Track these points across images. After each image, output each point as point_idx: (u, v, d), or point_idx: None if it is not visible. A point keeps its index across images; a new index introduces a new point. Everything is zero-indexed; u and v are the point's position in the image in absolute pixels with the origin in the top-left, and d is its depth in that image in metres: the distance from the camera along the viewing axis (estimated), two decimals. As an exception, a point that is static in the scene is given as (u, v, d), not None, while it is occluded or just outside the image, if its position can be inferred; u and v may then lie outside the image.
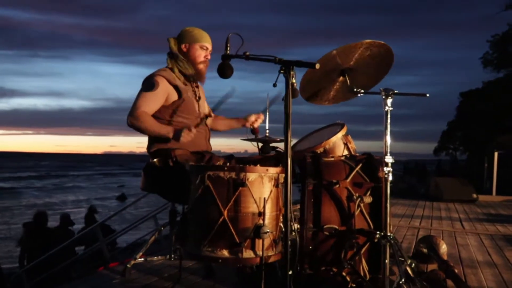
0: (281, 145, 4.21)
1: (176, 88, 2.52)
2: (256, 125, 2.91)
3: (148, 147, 2.56)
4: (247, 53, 2.00)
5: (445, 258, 2.99)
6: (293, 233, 2.36)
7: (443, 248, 3.02)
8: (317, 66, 1.68)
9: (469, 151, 27.16)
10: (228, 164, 2.18)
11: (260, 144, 3.37)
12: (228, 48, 2.14)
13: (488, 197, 9.40)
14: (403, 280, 1.93)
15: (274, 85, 1.80)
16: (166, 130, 2.38)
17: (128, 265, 2.67)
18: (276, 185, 2.02)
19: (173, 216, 2.72)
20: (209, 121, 2.96)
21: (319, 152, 2.74)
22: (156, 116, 2.48)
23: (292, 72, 3.01)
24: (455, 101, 28.41)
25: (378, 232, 2.07)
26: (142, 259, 2.90)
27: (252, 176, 1.94)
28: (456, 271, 2.58)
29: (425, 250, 3.00)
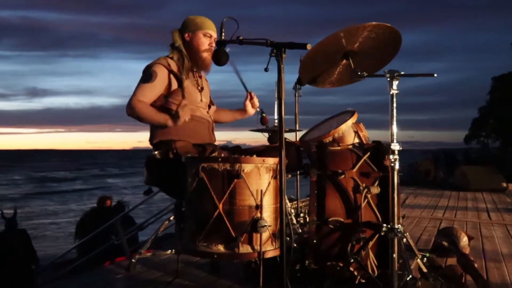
0: (290, 135, 4.08)
1: (176, 76, 2.44)
2: (255, 105, 2.74)
3: (150, 139, 2.50)
4: (241, 38, 1.91)
5: (467, 251, 2.81)
6: (295, 225, 2.26)
7: (464, 240, 2.84)
8: (308, 46, 1.56)
9: (501, 138, 26.06)
10: (222, 155, 2.08)
11: (269, 135, 3.28)
12: (223, 33, 2.05)
13: (520, 185, 8.92)
14: (410, 276, 1.79)
15: (266, 70, 1.69)
16: (164, 118, 2.32)
17: (133, 260, 2.64)
18: (275, 176, 1.92)
19: (178, 209, 2.66)
20: (211, 112, 2.87)
21: (327, 141, 2.62)
22: (155, 106, 2.41)
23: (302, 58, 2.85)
24: (487, 87, 27.25)
25: (384, 225, 1.93)
26: (149, 253, 2.87)
27: (248, 167, 1.84)
28: (476, 265, 2.41)
29: (444, 243, 2.83)
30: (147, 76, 2.40)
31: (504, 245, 3.40)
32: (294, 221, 2.86)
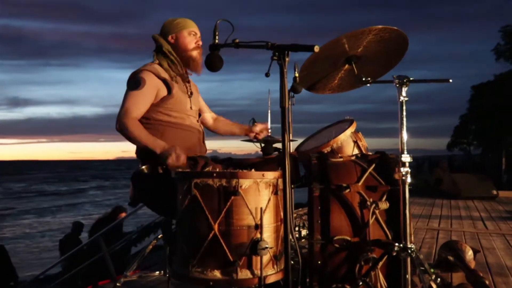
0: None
1: (164, 82, 2.25)
2: (260, 136, 2.63)
3: (137, 151, 2.30)
4: (237, 41, 1.73)
5: (472, 265, 2.68)
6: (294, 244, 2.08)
7: (469, 254, 2.71)
8: (316, 48, 1.40)
9: (483, 145, 26.47)
10: (217, 169, 1.90)
11: (262, 145, 3.11)
12: (217, 37, 1.88)
13: (509, 192, 8.93)
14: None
15: (267, 75, 1.52)
16: (154, 145, 2.09)
17: (117, 283, 2.42)
18: (275, 192, 1.74)
19: (167, 229, 2.46)
20: (208, 120, 2.70)
21: (326, 152, 2.46)
22: (143, 116, 2.22)
23: (295, 64, 2.70)
24: (467, 95, 27.72)
25: (396, 244, 1.77)
26: (136, 275, 2.66)
27: (246, 182, 1.65)
28: (487, 282, 2.27)
29: (450, 258, 2.69)
30: (136, 84, 2.20)
31: (507, 257, 3.28)
32: (290, 237, 2.69)
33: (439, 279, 1.85)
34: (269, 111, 3.15)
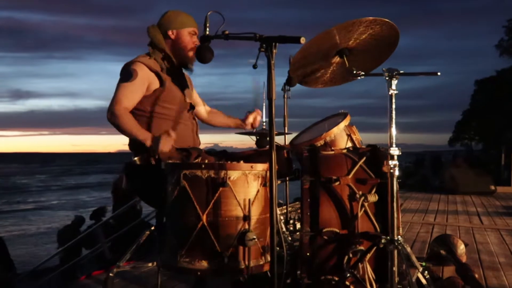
0: (279, 139, 3.94)
1: (157, 75, 2.26)
2: (256, 125, 2.65)
3: (129, 143, 2.31)
4: (227, 32, 1.74)
5: (464, 259, 2.69)
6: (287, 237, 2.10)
7: (461, 248, 2.72)
8: (302, 40, 1.40)
9: (484, 141, 26.42)
10: (207, 161, 1.91)
11: (257, 138, 3.12)
12: (207, 28, 1.89)
13: (507, 188, 8.92)
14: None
15: (254, 67, 1.52)
16: (144, 137, 2.09)
17: (110, 274, 2.43)
18: (264, 184, 1.75)
19: (159, 220, 2.48)
20: (203, 113, 2.71)
21: (319, 145, 2.47)
22: (136, 108, 2.22)
23: (291, 57, 2.69)
24: (470, 90, 27.63)
25: (383, 236, 1.78)
26: (129, 266, 2.67)
27: (235, 174, 1.67)
28: (476, 276, 2.28)
29: (442, 252, 2.70)
30: (127, 75, 2.20)
31: (500, 252, 3.29)
32: (284, 229, 2.70)
33: (426, 272, 1.86)
34: (263, 104, 3.16)
